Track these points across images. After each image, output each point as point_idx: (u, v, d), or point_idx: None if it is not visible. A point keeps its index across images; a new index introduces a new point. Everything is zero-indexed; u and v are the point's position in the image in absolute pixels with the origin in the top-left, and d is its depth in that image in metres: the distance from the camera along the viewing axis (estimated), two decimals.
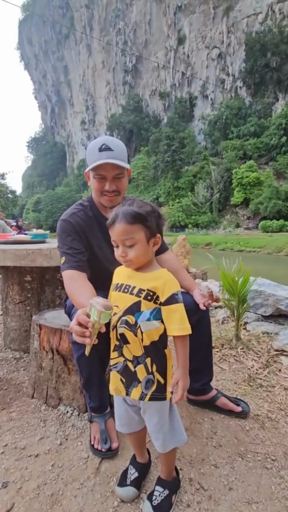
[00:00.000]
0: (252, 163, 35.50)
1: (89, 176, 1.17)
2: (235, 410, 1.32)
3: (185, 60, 57.03)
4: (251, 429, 1.25)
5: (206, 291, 1.25)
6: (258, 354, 1.93)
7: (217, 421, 1.30)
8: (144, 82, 67.05)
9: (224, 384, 1.61)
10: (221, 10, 49.80)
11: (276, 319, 2.34)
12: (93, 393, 1.14)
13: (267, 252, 21.38)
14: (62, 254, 1.14)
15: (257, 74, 42.58)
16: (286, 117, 34.46)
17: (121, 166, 1.08)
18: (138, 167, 53.21)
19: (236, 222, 35.83)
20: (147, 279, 0.82)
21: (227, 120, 42.90)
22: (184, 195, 42.16)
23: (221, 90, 51.71)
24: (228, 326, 2.43)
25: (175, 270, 1.42)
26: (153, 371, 0.83)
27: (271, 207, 30.70)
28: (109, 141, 1.09)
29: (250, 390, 1.55)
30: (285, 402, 1.43)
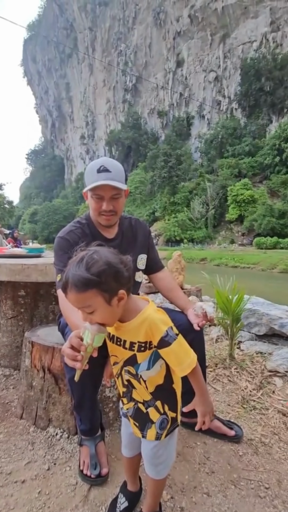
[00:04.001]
0: (246, 181, 36.38)
1: (87, 196, 1.19)
2: (229, 434, 1.30)
3: (183, 81, 59.33)
4: (244, 454, 1.23)
5: (200, 311, 1.26)
6: (251, 374, 1.91)
7: (210, 445, 1.27)
8: (143, 101, 69.26)
9: (218, 406, 1.58)
10: (218, 37, 52.43)
11: (270, 339, 2.34)
12: (84, 415, 1.11)
13: (261, 269, 21.53)
14: (58, 271, 1.14)
15: (252, 97, 44.38)
16: (280, 138, 35.70)
17: (118, 187, 1.11)
18: (136, 182, 54.08)
19: (231, 238, 36.26)
20: (134, 330, 0.76)
21: (222, 139, 44.25)
22: (180, 210, 42.73)
23: (217, 111, 53.62)
24: (222, 345, 2.42)
25: (170, 289, 1.43)
26: (165, 411, 0.81)
27: (265, 224, 31.24)
28: (107, 162, 1.13)
29: (244, 412, 1.53)
30: (278, 426, 1.41)
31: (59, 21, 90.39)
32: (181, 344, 0.75)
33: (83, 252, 0.71)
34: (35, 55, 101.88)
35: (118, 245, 1.28)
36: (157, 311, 0.79)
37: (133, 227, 1.37)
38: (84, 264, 0.67)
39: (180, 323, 1.28)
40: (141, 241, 1.36)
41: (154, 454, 0.83)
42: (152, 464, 0.84)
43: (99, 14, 78.01)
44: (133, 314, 0.77)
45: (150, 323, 0.75)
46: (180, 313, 1.34)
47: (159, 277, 1.44)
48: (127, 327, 0.77)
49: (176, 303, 1.39)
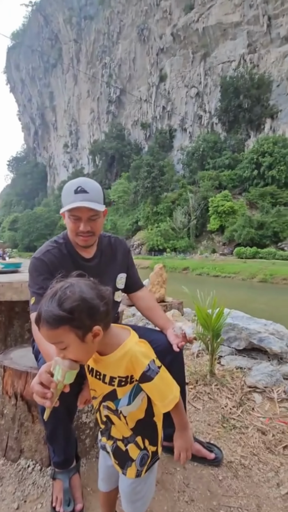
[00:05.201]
0: (227, 193, 37.54)
1: (65, 216, 1.17)
2: (208, 457, 1.28)
3: (166, 95, 61.08)
4: (224, 478, 1.21)
5: (180, 332, 1.25)
6: (232, 391, 1.91)
7: (190, 470, 1.25)
8: (127, 113, 70.44)
9: (198, 426, 1.56)
10: (199, 55, 54.75)
11: (249, 353, 2.37)
12: (58, 447, 1.05)
13: (242, 278, 22.06)
14: (32, 294, 1.10)
15: (231, 113, 46.34)
16: (257, 153, 37.32)
17: (96, 209, 1.09)
18: (119, 191, 54.34)
19: (212, 248, 37.01)
20: (114, 365, 0.74)
21: (203, 152, 45.64)
22: (163, 220, 43.23)
23: (199, 125, 55.47)
24: (203, 360, 2.42)
25: (150, 308, 1.41)
26: (146, 446, 0.79)
27: (244, 234, 32.19)
28: (85, 183, 1.11)
29: (224, 432, 1.51)
30: (258, 445, 1.41)
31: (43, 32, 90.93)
32: (163, 378, 0.73)
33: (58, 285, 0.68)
34: (18, 63, 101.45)
35: (96, 264, 1.26)
36: (138, 343, 0.76)
37: (113, 245, 1.35)
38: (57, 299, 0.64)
39: (160, 344, 1.26)
40: (120, 259, 1.34)
41: (133, 490, 0.80)
42: (130, 501, 0.81)
43: (84, 27, 79.37)
44: (113, 347, 0.74)
45: (131, 357, 0.72)
46: (159, 333, 1.32)
47: (139, 296, 1.42)
48: (107, 360, 0.74)
49: (155, 323, 1.38)
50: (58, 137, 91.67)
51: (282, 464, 1.28)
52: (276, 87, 44.28)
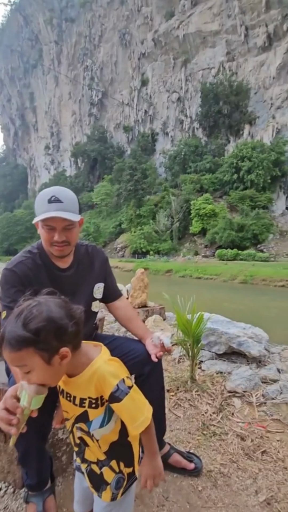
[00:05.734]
0: (208, 196, 38.30)
1: (38, 225, 1.13)
2: (188, 467, 1.27)
3: (148, 100, 61.64)
4: (204, 489, 1.20)
5: (158, 341, 1.24)
6: (212, 396, 1.92)
7: (169, 482, 1.23)
8: (109, 115, 70.34)
9: (178, 435, 1.55)
10: (180, 61, 55.75)
11: (230, 357, 2.40)
12: (31, 469, 1.00)
13: (223, 280, 22.50)
14: (3, 307, 1.05)
15: (211, 118, 47.47)
16: (237, 157, 38.41)
17: (70, 219, 1.06)
18: (102, 194, 54.05)
19: (195, 250, 37.55)
20: (83, 386, 0.71)
21: (185, 156, 46.40)
22: (146, 222, 43.39)
23: (180, 129, 56.35)
24: (184, 365, 2.42)
25: (128, 318, 1.39)
26: (121, 469, 0.76)
27: (225, 237, 32.93)
28: (59, 192, 1.08)
29: (204, 440, 1.51)
30: (237, 452, 1.41)
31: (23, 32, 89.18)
32: (134, 399, 0.70)
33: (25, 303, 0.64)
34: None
35: (73, 274, 1.22)
36: (108, 362, 0.73)
37: (90, 254, 1.32)
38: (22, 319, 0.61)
39: (138, 354, 1.25)
40: (98, 269, 1.31)
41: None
42: None
43: (65, 29, 78.65)
44: (82, 366, 0.71)
45: (99, 377, 0.69)
46: (138, 343, 1.31)
47: (117, 306, 1.39)
48: (76, 382, 0.71)
49: (134, 333, 1.36)
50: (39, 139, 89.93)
51: (261, 470, 1.29)
52: (254, 94, 45.87)
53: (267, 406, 1.73)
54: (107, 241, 49.25)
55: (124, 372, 0.73)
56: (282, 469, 1.29)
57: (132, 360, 1.24)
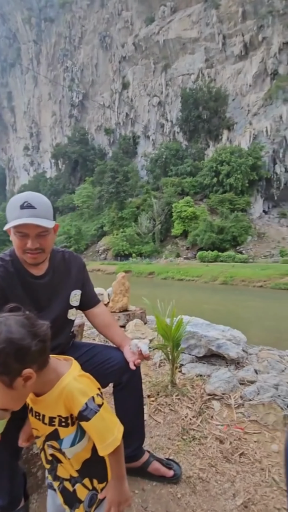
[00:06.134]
0: (189, 199, 38.95)
1: (10, 232, 1.08)
2: (167, 475, 1.26)
3: (129, 103, 61.89)
4: (183, 495, 1.20)
5: (136, 349, 1.23)
6: (192, 400, 1.93)
7: (148, 491, 1.21)
8: (90, 117, 69.88)
9: (158, 442, 1.54)
10: (160, 66, 56.53)
11: (209, 359, 2.42)
12: (2, 488, 0.95)
13: (204, 281, 22.91)
14: None
15: (191, 123, 48.44)
16: (216, 162, 39.41)
17: (43, 225, 1.03)
18: (83, 196, 53.46)
19: (177, 252, 37.98)
20: (52, 404, 0.67)
21: (166, 159, 46.98)
22: (128, 225, 43.39)
23: (161, 133, 57.00)
24: (165, 369, 2.42)
25: (106, 325, 1.37)
26: (94, 486, 0.74)
27: (206, 239, 33.60)
28: (32, 197, 1.04)
29: (183, 445, 1.51)
30: (215, 456, 1.42)
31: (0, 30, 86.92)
32: (104, 418, 0.67)
33: None
34: None
35: (48, 282, 1.19)
36: (77, 378, 0.69)
37: (66, 261, 1.29)
38: None
39: (117, 362, 1.23)
40: (75, 275, 1.28)
41: None
42: None
43: (44, 29, 77.44)
44: (51, 384, 0.67)
45: (67, 395, 0.66)
46: (117, 350, 1.29)
47: (95, 313, 1.37)
48: (44, 400, 0.67)
49: (112, 340, 1.34)
50: (17, 139, 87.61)
51: (238, 473, 1.31)
52: (232, 101, 47.33)
53: (245, 408, 1.76)
54: (89, 243, 48.73)
55: (94, 389, 0.70)
56: (259, 470, 1.31)
57: (110, 368, 1.22)
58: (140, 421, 1.31)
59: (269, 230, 37.47)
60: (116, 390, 1.28)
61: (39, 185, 67.63)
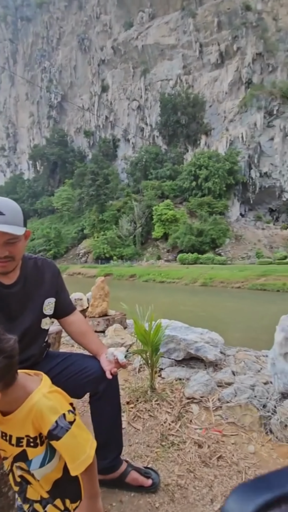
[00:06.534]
0: (169, 202, 39.44)
1: None
2: (145, 484, 1.24)
3: (108, 106, 61.83)
4: (161, 504, 1.18)
5: (112, 357, 1.21)
6: (171, 404, 1.93)
7: (126, 503, 1.19)
8: (69, 119, 69.02)
9: (137, 450, 1.52)
10: (139, 70, 57.04)
11: (188, 363, 2.44)
12: None
13: (185, 283, 23.21)
14: None
15: (170, 127, 49.20)
16: (195, 166, 40.24)
17: (12, 233, 0.99)
18: (63, 199, 52.55)
19: (158, 254, 38.24)
20: (19, 424, 0.64)
21: (146, 162, 47.34)
22: (109, 228, 43.17)
23: (141, 137, 57.40)
24: (144, 374, 2.41)
25: (82, 333, 1.34)
26: (66, 507, 0.71)
27: (186, 241, 34.13)
28: (0, 203, 1.00)
29: (162, 452, 1.50)
30: (194, 461, 1.42)
31: None
32: (75, 436, 0.63)
33: None
34: None
35: (20, 290, 1.14)
36: (47, 395, 0.65)
37: (40, 268, 1.24)
38: None
39: (93, 371, 1.21)
40: (48, 283, 1.24)
41: None
42: None
43: (21, 28, 75.72)
44: (18, 402, 0.63)
45: (36, 413, 0.62)
46: (93, 359, 1.26)
47: (70, 321, 1.33)
48: (11, 420, 0.64)
49: (88, 348, 1.31)
50: None
51: (216, 477, 1.31)
52: (209, 107, 48.65)
53: (222, 410, 1.78)
54: (69, 246, 47.92)
55: (65, 406, 0.67)
56: (236, 473, 1.32)
57: (86, 378, 1.19)
58: (118, 431, 1.29)
59: (246, 233, 38.71)
60: (93, 400, 1.25)
61: (17, 186, 65.69)
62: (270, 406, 1.65)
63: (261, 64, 44.64)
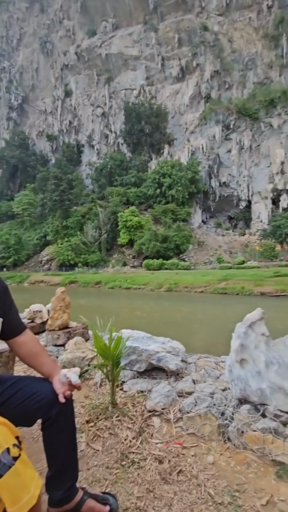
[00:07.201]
0: (134, 208, 39.78)
1: None
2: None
3: (72, 111, 60.98)
4: None
5: (65, 379, 1.14)
6: (132, 419, 1.88)
7: None
8: (31, 122, 66.66)
9: (95, 473, 1.45)
10: (104, 78, 57.29)
11: (150, 373, 2.42)
12: None
13: (150, 289, 23.41)
14: None
15: (135, 136, 49.95)
16: (159, 174, 41.24)
17: None
18: (24, 204, 50.26)
19: (123, 261, 38.18)
20: None
21: (111, 169, 47.36)
22: (73, 234, 42.16)
23: (106, 143, 57.39)
24: (106, 389, 2.33)
25: (33, 354, 1.24)
26: None
27: (151, 247, 34.59)
28: None
29: (122, 472, 1.44)
30: (154, 478, 1.39)
31: None
32: (19, 473, 0.56)
33: None
34: None
35: None
36: None
37: None
38: None
39: (45, 396, 1.12)
40: None
41: None
42: None
43: None
44: None
45: None
46: (45, 382, 1.18)
47: (20, 341, 1.23)
48: None
49: (40, 371, 1.22)
50: None
51: (176, 493, 1.29)
52: (171, 118, 50.43)
53: (183, 421, 1.78)
54: (31, 253, 45.78)
55: (9, 439, 0.61)
56: (195, 487, 1.32)
57: (37, 403, 1.10)
58: (73, 458, 1.21)
59: (207, 239, 40.43)
60: (45, 427, 1.16)
61: None
62: (228, 414, 1.69)
63: (218, 81, 47.60)
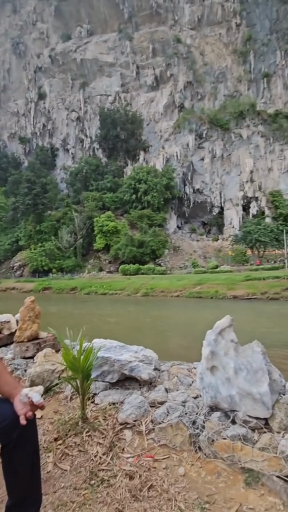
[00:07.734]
0: (110, 213, 39.60)
1: None
2: None
3: (46, 114, 59.79)
4: None
5: (26, 399, 1.06)
6: (103, 434, 1.82)
7: None
8: (2, 123, 64.38)
9: (61, 496, 1.37)
10: (78, 83, 56.94)
11: (123, 384, 2.37)
12: None
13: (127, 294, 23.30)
14: None
15: (110, 141, 49.98)
16: (135, 179, 41.51)
17: None
18: None
19: (99, 266, 37.72)
20: None
21: (87, 174, 46.90)
22: (47, 239, 41.00)
23: (81, 148, 56.80)
24: (77, 402, 2.24)
25: None
26: None
27: (127, 252, 34.53)
28: None
29: (90, 493, 1.38)
30: (124, 496, 1.34)
31: None
32: None
33: None
34: None
35: None
36: None
37: None
38: None
39: (3, 419, 1.04)
40: None
41: None
42: None
43: None
44: None
45: None
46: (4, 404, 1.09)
47: None
48: None
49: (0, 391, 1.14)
50: None
51: (146, 510, 1.26)
52: (146, 125, 51.19)
53: (155, 432, 1.75)
54: (2, 259, 43.80)
55: None
56: (166, 502, 1.29)
57: None
58: (36, 483, 1.13)
59: (182, 244, 41.18)
60: (5, 452, 1.08)
61: None
62: (199, 422, 1.68)
63: (191, 92, 49.22)
